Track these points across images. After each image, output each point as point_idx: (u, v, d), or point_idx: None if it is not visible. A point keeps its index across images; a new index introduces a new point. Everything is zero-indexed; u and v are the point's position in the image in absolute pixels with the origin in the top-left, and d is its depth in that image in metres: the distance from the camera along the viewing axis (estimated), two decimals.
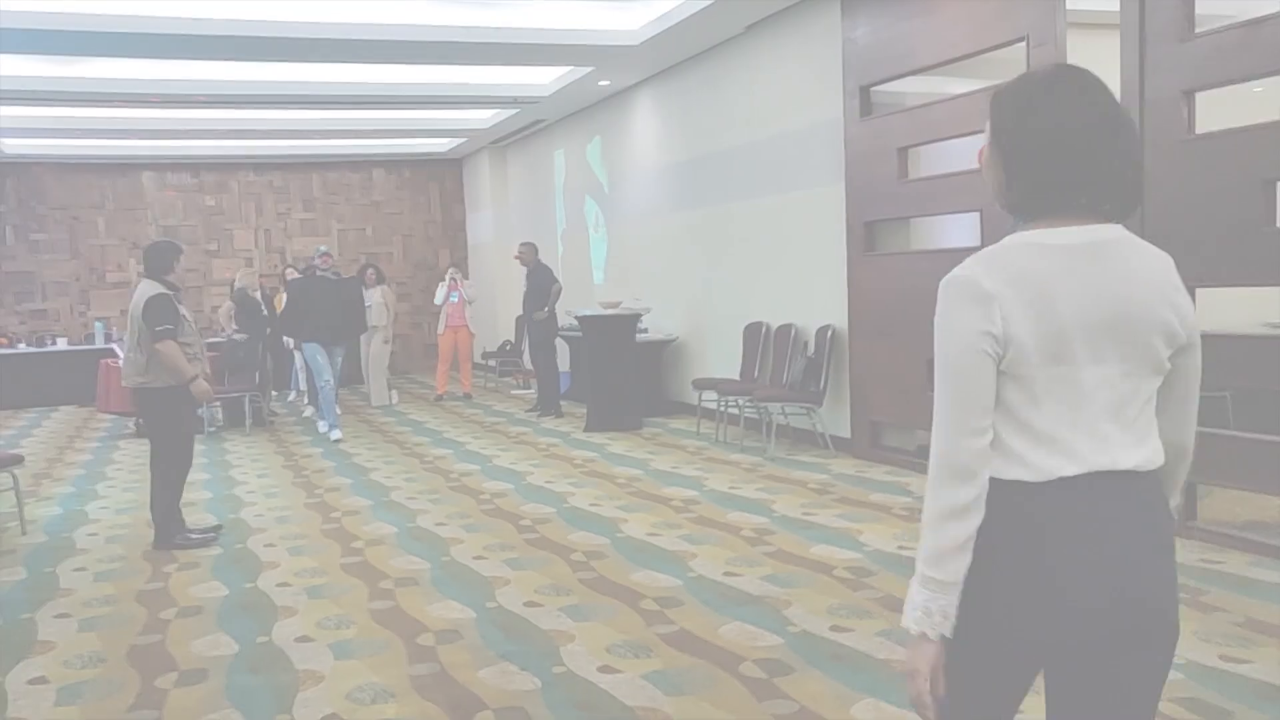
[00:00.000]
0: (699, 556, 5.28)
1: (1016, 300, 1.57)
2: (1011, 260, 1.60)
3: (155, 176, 15.71)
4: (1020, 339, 1.57)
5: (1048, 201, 1.62)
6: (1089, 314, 1.58)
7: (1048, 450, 1.58)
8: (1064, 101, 1.60)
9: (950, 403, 1.61)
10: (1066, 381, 1.59)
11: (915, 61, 6.85)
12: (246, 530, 6.32)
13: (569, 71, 10.73)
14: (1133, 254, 1.64)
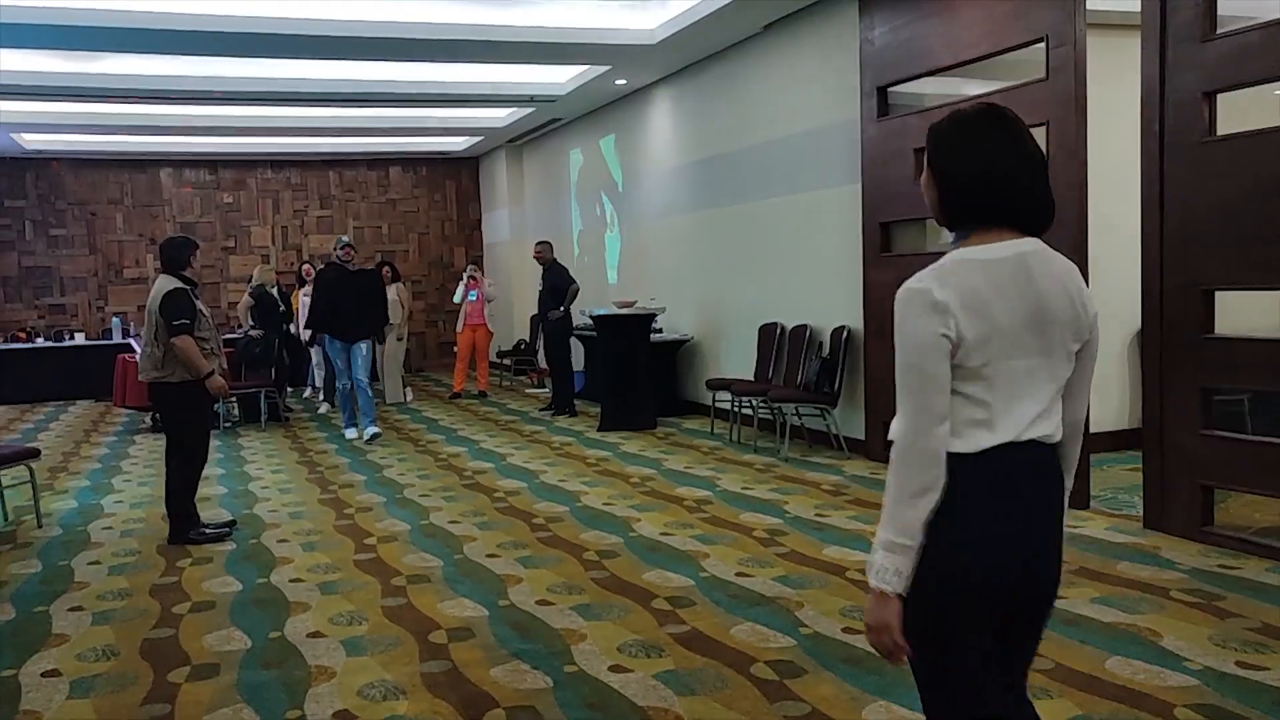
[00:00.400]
0: (711, 557, 5.26)
1: (962, 308, 1.87)
2: (958, 275, 1.90)
3: (173, 173, 15.79)
4: (966, 339, 1.87)
5: (978, 221, 1.95)
6: (1017, 317, 1.91)
7: (979, 427, 1.91)
8: (990, 140, 1.93)
9: (917, 396, 1.88)
10: (1002, 372, 1.91)
11: (932, 62, 6.81)
12: (260, 526, 6.34)
13: (585, 70, 10.73)
14: (1048, 264, 1.96)
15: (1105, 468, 6.83)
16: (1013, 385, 1.91)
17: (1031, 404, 1.93)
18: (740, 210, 9.56)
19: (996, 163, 1.92)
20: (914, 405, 1.88)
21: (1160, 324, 5.35)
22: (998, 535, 1.89)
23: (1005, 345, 1.90)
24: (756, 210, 9.27)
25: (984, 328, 1.87)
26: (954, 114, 2.00)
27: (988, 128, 1.95)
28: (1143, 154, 5.38)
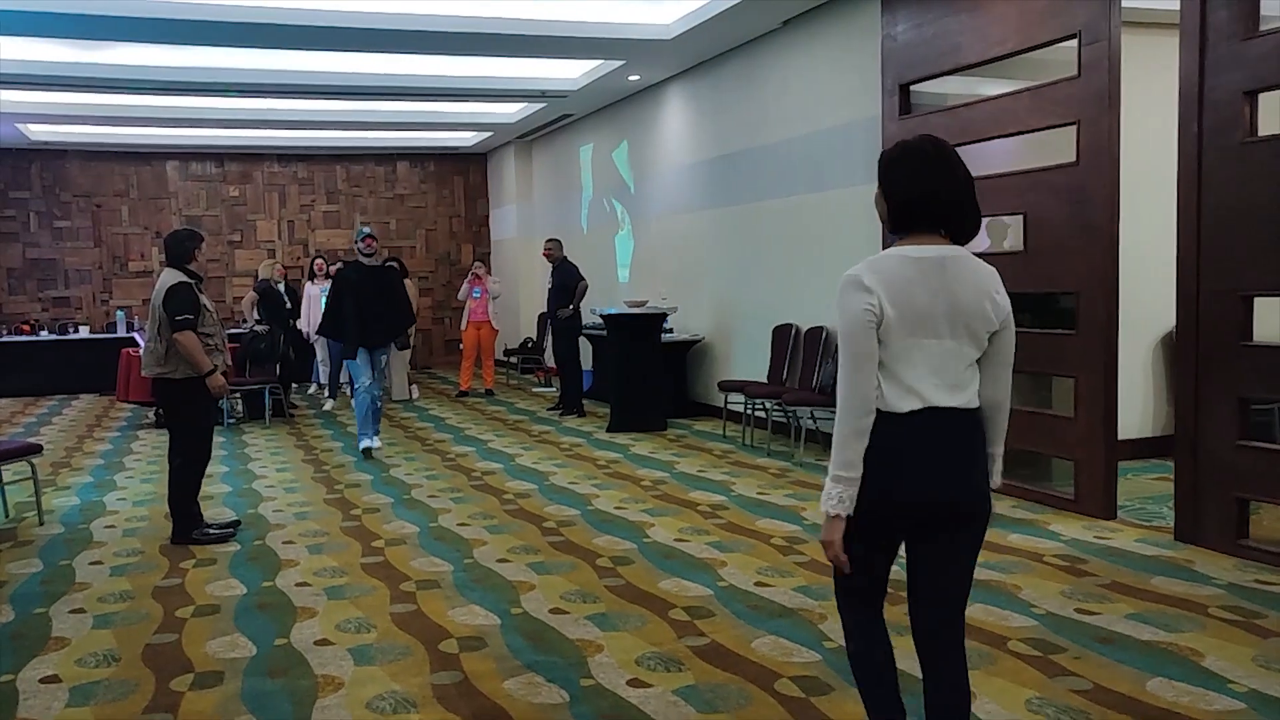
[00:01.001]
0: (729, 565, 5.11)
1: (886, 292, 2.37)
2: (885, 266, 2.41)
3: (179, 166, 15.65)
4: (888, 315, 2.36)
5: (913, 228, 2.45)
6: (934, 305, 2.38)
7: (904, 393, 2.39)
8: (927, 166, 2.42)
9: (853, 360, 2.38)
10: (916, 349, 2.38)
11: (959, 59, 6.65)
12: (265, 526, 6.20)
13: (599, 65, 10.57)
14: (967, 267, 2.44)
15: (1130, 476, 6.67)
16: (930, 361, 2.40)
17: (945, 376, 2.41)
18: (755, 209, 9.40)
19: (930, 185, 2.42)
20: (850, 367, 2.39)
21: (1196, 330, 5.19)
22: (912, 481, 2.41)
23: (923, 326, 2.39)
24: (772, 209, 9.12)
25: (904, 308, 2.37)
26: (901, 144, 2.50)
27: (926, 156, 2.44)
28: (1179, 155, 5.22)
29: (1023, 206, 6.17)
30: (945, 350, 2.40)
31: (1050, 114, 5.93)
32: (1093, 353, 5.75)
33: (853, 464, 2.37)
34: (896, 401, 2.39)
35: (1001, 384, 2.53)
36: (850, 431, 2.38)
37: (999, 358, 2.50)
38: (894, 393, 2.39)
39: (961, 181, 2.44)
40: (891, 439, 2.38)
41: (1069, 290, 5.96)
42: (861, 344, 2.38)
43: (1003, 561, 5.03)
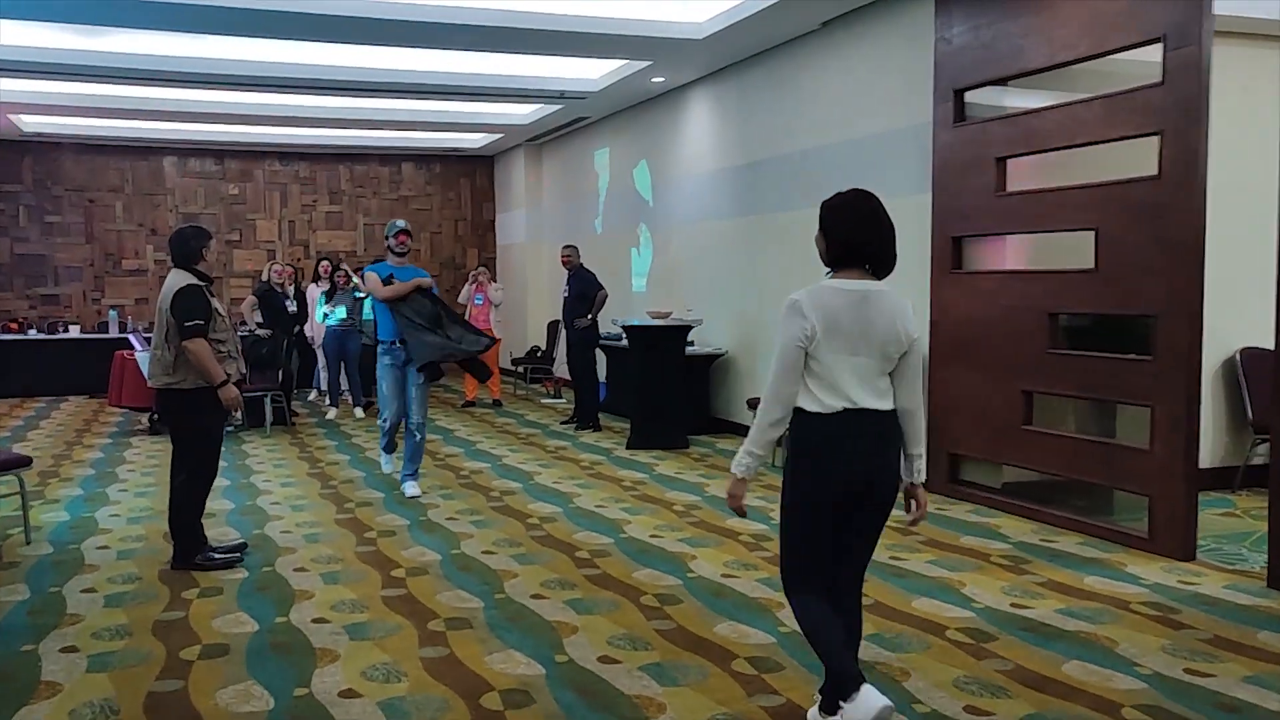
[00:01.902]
0: (787, 609, 4.67)
1: (819, 317, 2.96)
2: (821, 296, 3.00)
3: (177, 161, 15.17)
4: (818, 335, 2.95)
5: (845, 265, 3.05)
6: (855, 329, 2.97)
7: (830, 396, 2.96)
8: (857, 214, 3.05)
9: (784, 371, 2.97)
10: (841, 362, 2.97)
11: (1022, 63, 6.25)
12: (273, 550, 5.74)
13: (622, 66, 10.15)
14: (884, 300, 3.02)
15: None
16: (852, 372, 2.98)
17: (863, 384, 2.98)
18: (784, 219, 8.98)
19: (861, 232, 3.04)
20: (778, 372, 2.98)
21: None
22: (837, 463, 2.98)
23: (847, 345, 2.97)
24: (803, 219, 8.68)
25: (833, 331, 2.96)
26: (839, 195, 3.12)
27: (860, 209, 3.06)
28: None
29: (1094, 222, 5.76)
30: (864, 364, 3.00)
31: (1128, 124, 5.53)
32: (1172, 380, 5.34)
33: (766, 446, 3.02)
34: (829, 402, 2.98)
35: (913, 393, 3.11)
36: (770, 423, 3.01)
37: (910, 372, 3.10)
38: (827, 395, 2.99)
39: (885, 230, 3.07)
40: (825, 431, 2.98)
41: (1146, 313, 5.55)
42: (792, 360, 2.99)
43: (1087, 609, 4.60)
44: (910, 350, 3.05)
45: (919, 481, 3.17)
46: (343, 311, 11.16)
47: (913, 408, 3.08)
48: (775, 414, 2.99)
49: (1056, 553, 5.55)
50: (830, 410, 2.96)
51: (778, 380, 2.99)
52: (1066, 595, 4.80)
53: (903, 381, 3.06)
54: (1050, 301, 6.11)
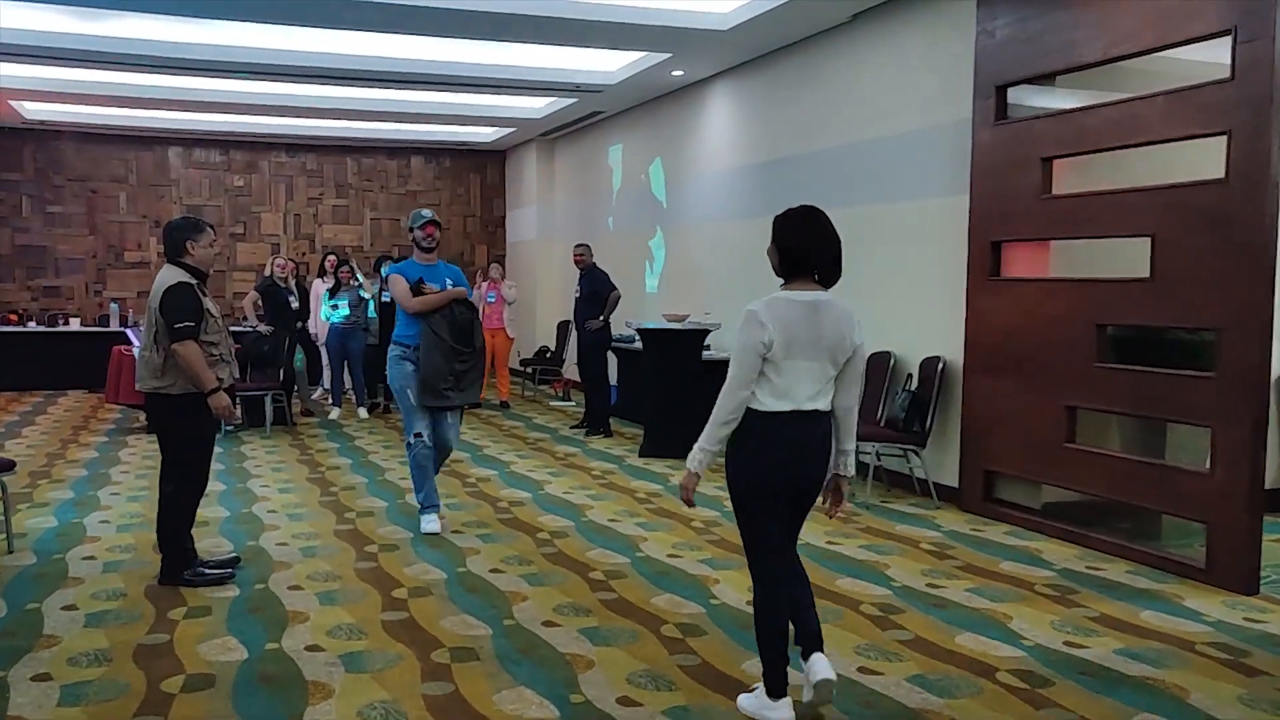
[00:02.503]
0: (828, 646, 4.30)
1: (775, 326, 3.26)
2: (776, 306, 3.31)
3: (182, 151, 14.83)
4: (775, 343, 3.25)
5: (795, 275, 3.38)
6: (807, 336, 3.29)
7: (779, 398, 3.29)
8: (807, 228, 3.38)
9: (741, 377, 3.27)
10: (795, 368, 3.29)
11: (1072, 58, 5.87)
12: (268, 564, 5.39)
13: (642, 58, 9.79)
14: (833, 308, 3.36)
15: None
16: (800, 376, 3.27)
17: (811, 387, 3.29)
18: None
19: (808, 243, 3.34)
20: (736, 376, 3.25)
21: None
22: (785, 459, 3.30)
23: (798, 350, 3.25)
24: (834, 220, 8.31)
25: (786, 338, 3.23)
26: (790, 211, 3.41)
27: (807, 221, 3.37)
28: None
29: (1151, 228, 5.39)
30: (813, 369, 3.27)
31: (1193, 122, 5.15)
32: (1236, 399, 4.96)
33: (720, 443, 3.31)
34: (776, 405, 3.25)
35: (853, 394, 3.43)
36: (724, 423, 3.28)
37: (853, 375, 3.40)
38: (778, 398, 3.26)
39: (834, 243, 3.35)
40: (772, 430, 3.26)
41: (1207, 326, 5.18)
42: (749, 367, 3.24)
43: (1149, 649, 4.22)
44: (855, 355, 3.37)
45: (847, 475, 3.54)
46: (346, 309, 10.82)
47: (851, 405, 3.43)
48: (729, 415, 3.29)
49: (1106, 582, 5.17)
50: (780, 411, 3.27)
51: (735, 385, 3.27)
52: (1123, 633, 4.42)
53: (845, 383, 3.40)
54: (1099, 312, 5.73)
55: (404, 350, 6.06)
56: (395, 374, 6.07)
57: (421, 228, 6.12)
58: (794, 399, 3.27)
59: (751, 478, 3.32)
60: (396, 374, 6.06)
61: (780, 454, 3.28)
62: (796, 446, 3.29)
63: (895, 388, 7.30)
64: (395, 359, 6.08)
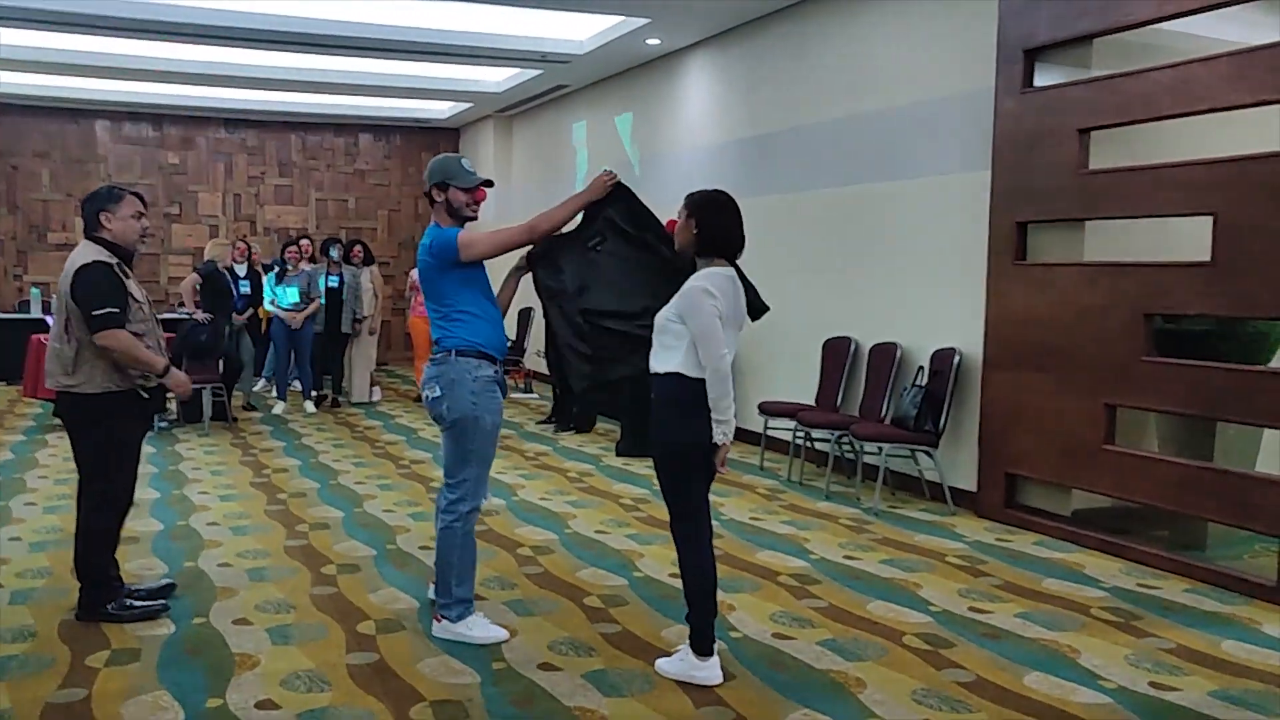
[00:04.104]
0: (864, 681, 3.67)
1: (720, 297, 3.49)
2: (717, 280, 3.52)
3: (110, 125, 13.79)
4: (723, 313, 3.49)
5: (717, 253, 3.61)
6: (733, 307, 3.57)
7: None
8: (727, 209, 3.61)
9: (714, 344, 3.44)
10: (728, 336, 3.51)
11: (1114, 17, 5.28)
12: (209, 590, 4.63)
13: (616, 25, 9.06)
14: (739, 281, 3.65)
15: None
16: (730, 344, 3.52)
17: (731, 354, 3.53)
18: (800, 199, 7.98)
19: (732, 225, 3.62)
20: (717, 350, 3.45)
21: None
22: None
23: (731, 320, 3.55)
24: (825, 199, 7.70)
25: (728, 309, 3.52)
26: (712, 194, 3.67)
27: (726, 203, 3.62)
28: None
29: (1213, 206, 4.81)
30: (734, 337, 3.58)
31: (1266, 86, 4.58)
32: None
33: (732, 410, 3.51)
34: None
35: None
36: (727, 390, 3.47)
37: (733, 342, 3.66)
38: None
39: (739, 219, 3.64)
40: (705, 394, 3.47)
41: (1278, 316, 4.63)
42: (720, 333, 3.46)
43: (1245, 690, 3.64)
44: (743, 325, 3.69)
45: None
46: (294, 294, 9.99)
47: None
48: (728, 383, 3.47)
49: (1167, 604, 4.60)
50: None
51: (719, 351, 3.45)
52: (1210, 669, 3.85)
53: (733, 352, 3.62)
54: (1147, 300, 5.15)
55: (494, 369, 4.04)
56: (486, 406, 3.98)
57: (472, 190, 4.09)
58: None
59: (696, 440, 3.48)
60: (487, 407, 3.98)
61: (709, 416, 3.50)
62: None
63: (903, 383, 6.69)
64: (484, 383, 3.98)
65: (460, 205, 4.09)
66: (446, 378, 3.97)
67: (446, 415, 3.99)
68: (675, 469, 3.60)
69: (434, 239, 4.04)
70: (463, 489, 4.04)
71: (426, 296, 4.17)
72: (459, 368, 3.96)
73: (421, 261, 4.11)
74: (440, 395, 3.98)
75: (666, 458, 3.62)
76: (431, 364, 4.06)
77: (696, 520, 3.65)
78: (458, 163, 4.12)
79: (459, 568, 4.07)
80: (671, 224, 3.75)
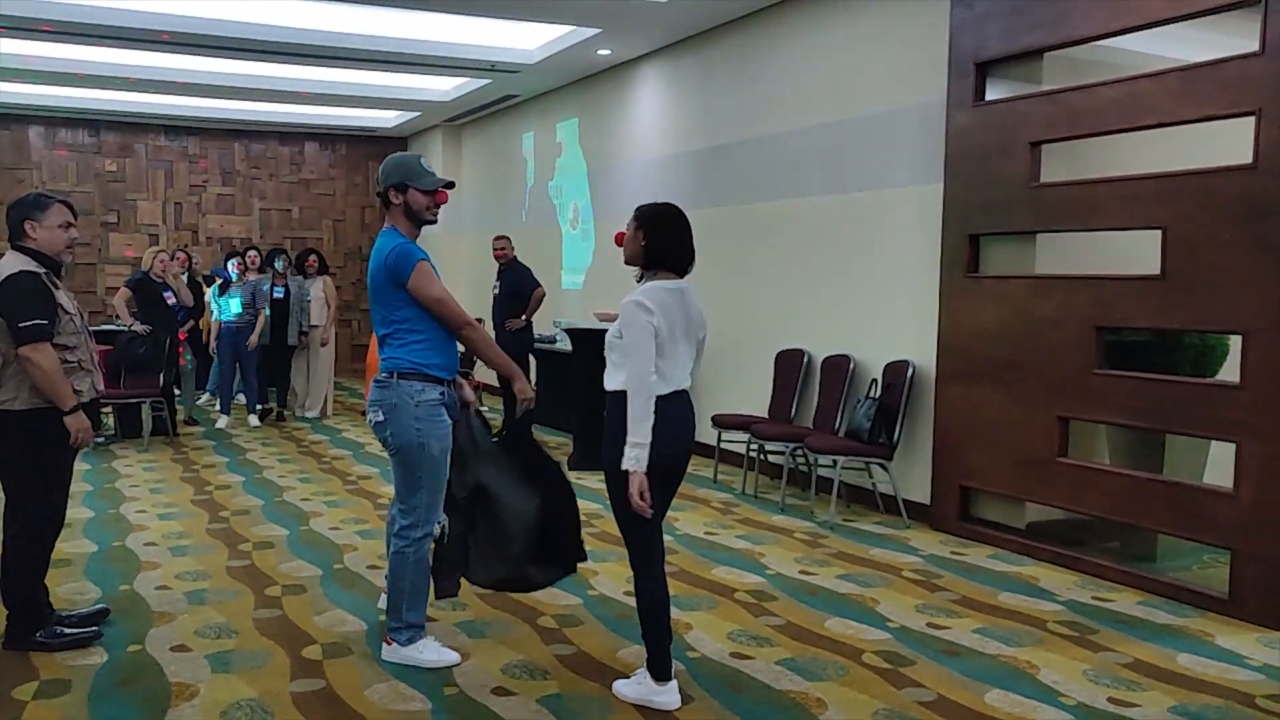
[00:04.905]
0: (825, 701, 3.60)
1: (660, 313, 3.42)
2: (656, 295, 3.46)
3: (44, 131, 13.44)
4: (660, 329, 3.42)
5: (663, 267, 3.54)
6: (680, 321, 3.50)
7: (665, 383, 3.44)
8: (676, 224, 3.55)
9: (641, 361, 3.36)
10: (673, 351, 3.48)
11: (1065, 32, 5.30)
12: (146, 616, 4.45)
13: (567, 34, 8.98)
14: (690, 294, 3.57)
15: None
16: (676, 359, 3.49)
17: (682, 370, 3.53)
18: (752, 211, 7.95)
19: (681, 239, 3.55)
20: (641, 366, 3.37)
21: None
22: (669, 439, 3.43)
23: (675, 336, 3.48)
24: (776, 212, 7.67)
25: (668, 324, 3.44)
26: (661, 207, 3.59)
27: (676, 217, 3.56)
28: None
29: (1162, 220, 4.84)
30: (684, 351, 3.53)
31: (1214, 101, 4.62)
32: (1268, 412, 4.44)
33: (647, 434, 3.33)
34: (664, 388, 3.44)
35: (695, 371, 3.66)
36: (647, 411, 3.34)
37: (700, 355, 3.67)
38: (662, 383, 3.44)
39: (689, 233, 3.57)
40: (666, 411, 3.42)
41: (1230, 330, 4.66)
42: (648, 353, 3.39)
43: (1205, 706, 3.63)
44: (704, 338, 3.66)
45: None
46: (238, 305, 9.76)
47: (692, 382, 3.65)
48: (649, 403, 3.35)
49: (1121, 618, 4.60)
50: (663, 394, 3.43)
51: (642, 372, 3.36)
52: (1168, 684, 3.84)
53: (695, 364, 3.64)
54: (1099, 313, 5.17)
55: (440, 391, 3.85)
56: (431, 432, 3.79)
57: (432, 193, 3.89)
58: (674, 381, 3.48)
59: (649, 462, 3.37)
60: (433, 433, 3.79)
61: (672, 433, 3.45)
62: (681, 424, 3.51)
63: (856, 395, 6.67)
64: (429, 407, 3.79)
65: (420, 208, 3.89)
66: (389, 402, 3.80)
67: (390, 441, 3.84)
68: (623, 489, 3.37)
69: (396, 252, 3.80)
70: (414, 515, 3.88)
71: (373, 304, 3.98)
72: (401, 392, 3.78)
73: (375, 269, 3.90)
74: (384, 420, 3.82)
75: (613, 477, 3.44)
76: (375, 385, 3.90)
77: (646, 544, 3.53)
78: (417, 162, 3.93)
79: (410, 593, 3.92)
80: (620, 235, 3.69)
